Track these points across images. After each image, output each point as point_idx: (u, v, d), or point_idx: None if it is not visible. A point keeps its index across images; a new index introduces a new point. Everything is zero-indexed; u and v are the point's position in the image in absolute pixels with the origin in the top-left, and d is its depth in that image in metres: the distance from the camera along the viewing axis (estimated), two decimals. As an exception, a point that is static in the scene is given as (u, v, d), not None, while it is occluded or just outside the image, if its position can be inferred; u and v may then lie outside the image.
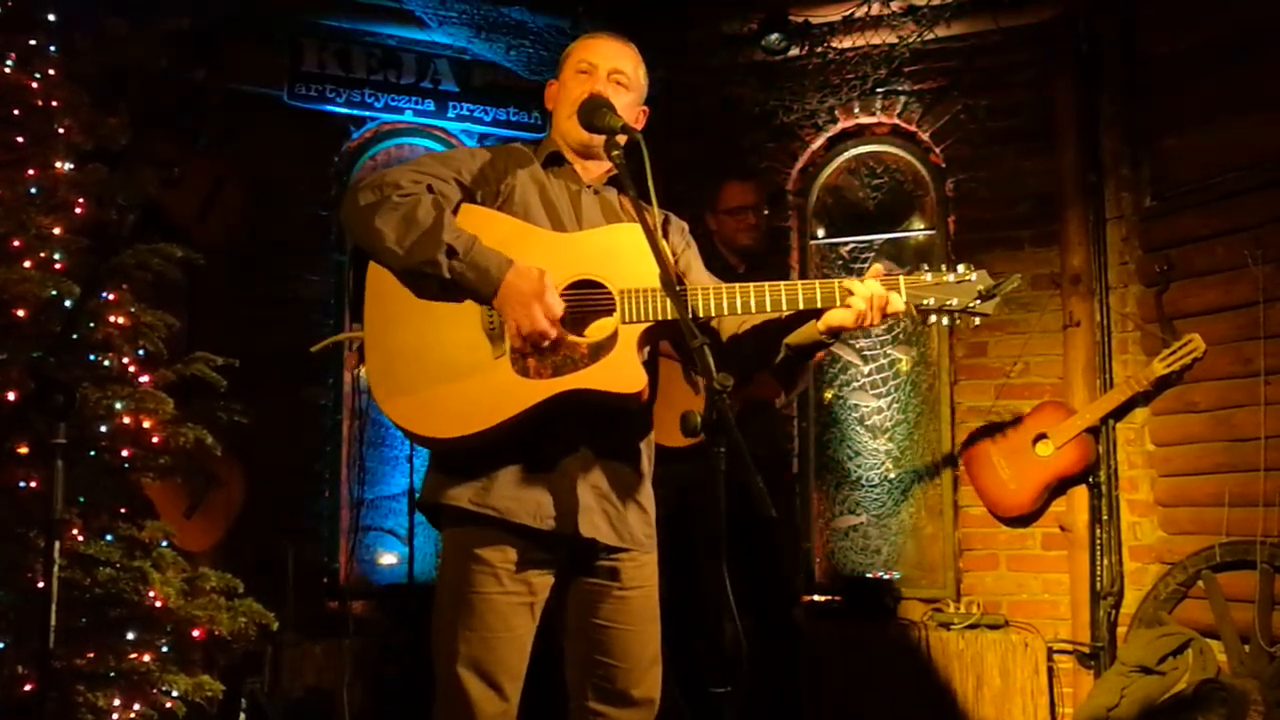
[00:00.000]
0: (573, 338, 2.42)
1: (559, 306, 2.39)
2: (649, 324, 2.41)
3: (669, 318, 2.38)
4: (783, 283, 2.44)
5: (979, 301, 2.44)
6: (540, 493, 2.45)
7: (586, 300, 2.46)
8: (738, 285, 2.44)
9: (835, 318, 2.43)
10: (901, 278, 2.46)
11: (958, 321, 2.48)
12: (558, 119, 2.67)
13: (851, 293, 2.39)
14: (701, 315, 2.43)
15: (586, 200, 2.65)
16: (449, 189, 2.53)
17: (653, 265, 2.30)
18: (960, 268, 2.48)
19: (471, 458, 2.45)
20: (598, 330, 2.44)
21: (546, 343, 2.38)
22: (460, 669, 2.41)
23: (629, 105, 2.64)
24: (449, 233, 2.39)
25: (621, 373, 2.40)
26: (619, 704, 2.52)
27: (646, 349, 2.47)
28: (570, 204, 2.63)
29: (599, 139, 2.54)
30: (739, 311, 2.45)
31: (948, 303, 2.44)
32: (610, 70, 2.64)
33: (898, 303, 2.42)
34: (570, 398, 2.40)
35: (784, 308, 2.44)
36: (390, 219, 2.41)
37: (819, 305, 2.43)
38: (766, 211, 4.58)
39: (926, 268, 2.49)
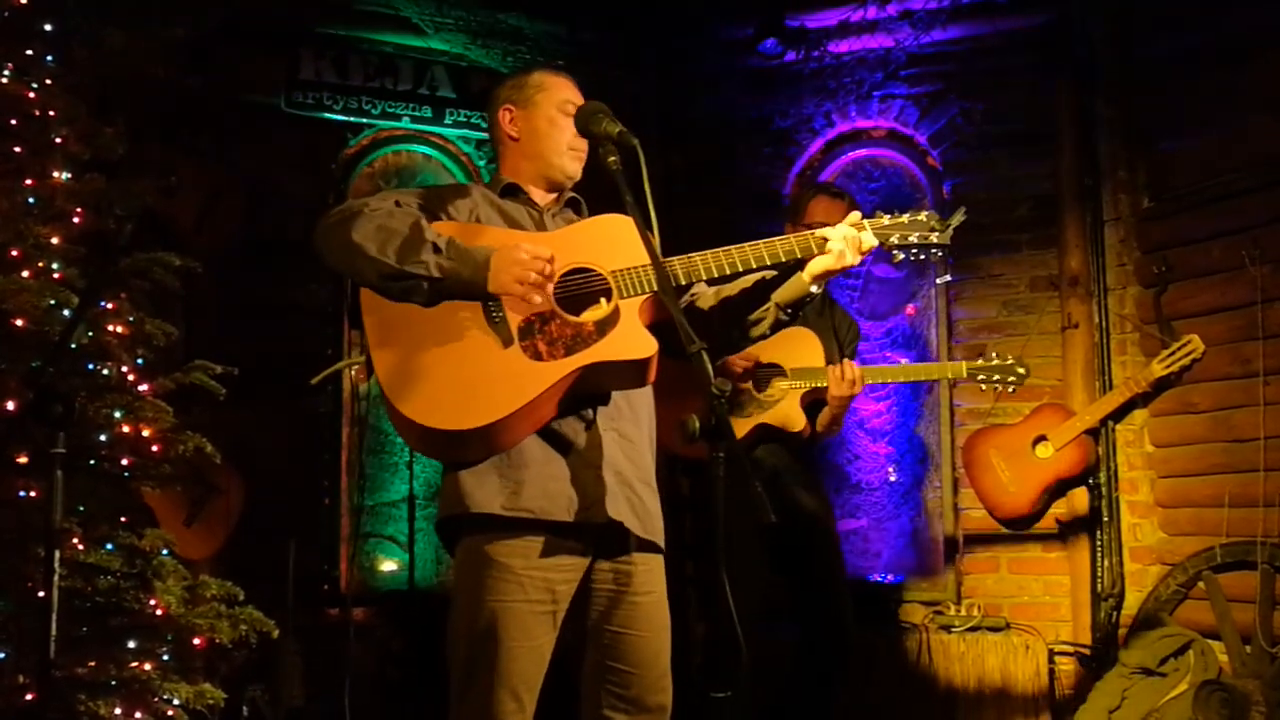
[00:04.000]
0: (576, 319, 2.48)
1: (548, 249, 2.47)
2: (647, 295, 2.49)
3: None
4: (762, 241, 2.56)
5: (935, 234, 2.65)
6: (567, 486, 2.47)
7: (581, 285, 2.53)
8: (720, 250, 2.55)
9: (819, 264, 2.57)
10: (867, 221, 2.62)
11: (922, 256, 2.67)
12: (545, 149, 2.71)
13: (827, 240, 2.55)
14: (684, 283, 2.52)
15: (548, 221, 2.71)
16: (415, 211, 2.56)
17: (638, 247, 2.38)
18: (910, 210, 2.67)
19: (492, 464, 2.46)
20: (598, 310, 2.50)
21: (551, 269, 2.44)
22: (481, 679, 2.40)
23: None
24: (429, 233, 2.44)
25: (631, 342, 2.46)
26: (635, 710, 2.52)
27: (647, 318, 2.53)
28: (533, 226, 2.69)
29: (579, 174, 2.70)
30: (726, 272, 2.54)
31: (909, 238, 2.63)
32: None
33: (870, 240, 2.59)
34: (586, 374, 2.44)
35: (766, 262, 2.55)
36: (366, 230, 2.44)
37: (798, 256, 2.57)
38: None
39: (881, 212, 2.67)
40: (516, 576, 2.43)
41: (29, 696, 3.02)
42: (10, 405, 3.16)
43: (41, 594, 2.66)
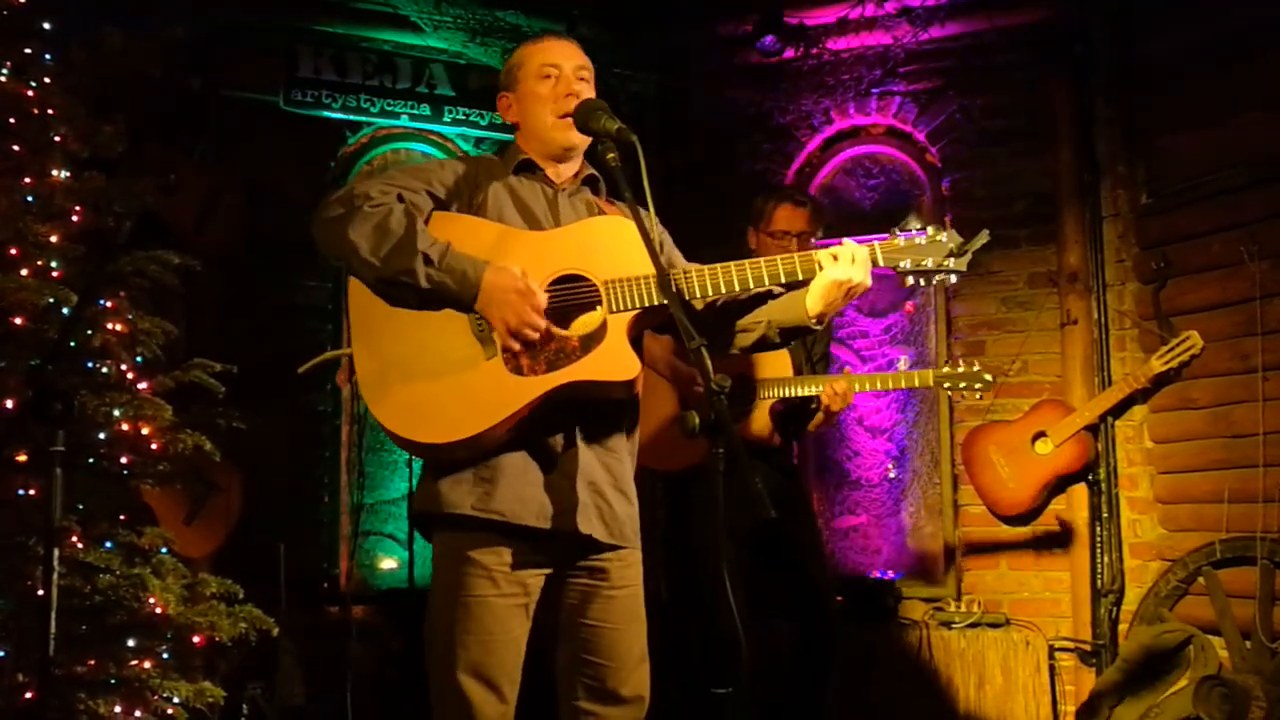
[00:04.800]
0: (562, 332, 2.44)
1: (542, 299, 2.42)
2: (636, 311, 2.44)
3: (655, 303, 2.41)
4: (762, 259, 2.49)
5: (951, 260, 2.51)
6: (540, 492, 2.47)
7: (571, 294, 2.48)
8: (719, 266, 2.48)
9: (818, 299, 2.51)
10: (876, 243, 2.52)
11: (936, 280, 2.54)
12: (535, 127, 2.65)
13: (828, 260, 2.47)
14: (686, 297, 2.45)
15: (563, 202, 2.66)
16: (420, 199, 2.54)
17: (634, 254, 2.34)
18: (929, 229, 2.54)
19: (468, 464, 2.46)
20: (586, 323, 2.46)
21: (535, 335, 2.40)
22: (460, 673, 2.42)
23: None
24: (423, 240, 2.40)
25: (615, 361, 2.42)
26: (609, 702, 2.54)
27: (635, 335, 2.49)
28: (547, 207, 2.64)
29: (582, 143, 2.59)
30: (723, 292, 2.49)
31: (922, 263, 2.51)
32: (575, 68, 2.66)
33: (865, 257, 2.49)
34: (566, 391, 2.41)
35: (765, 283, 2.50)
36: (363, 230, 2.42)
37: (800, 278, 2.50)
38: (815, 241, 4.33)
39: (898, 231, 2.54)
40: (489, 572, 2.44)
41: (28, 695, 3.02)
42: (9, 404, 3.16)
43: (41, 592, 2.66)
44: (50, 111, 3.49)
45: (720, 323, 2.68)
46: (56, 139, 3.49)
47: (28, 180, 3.41)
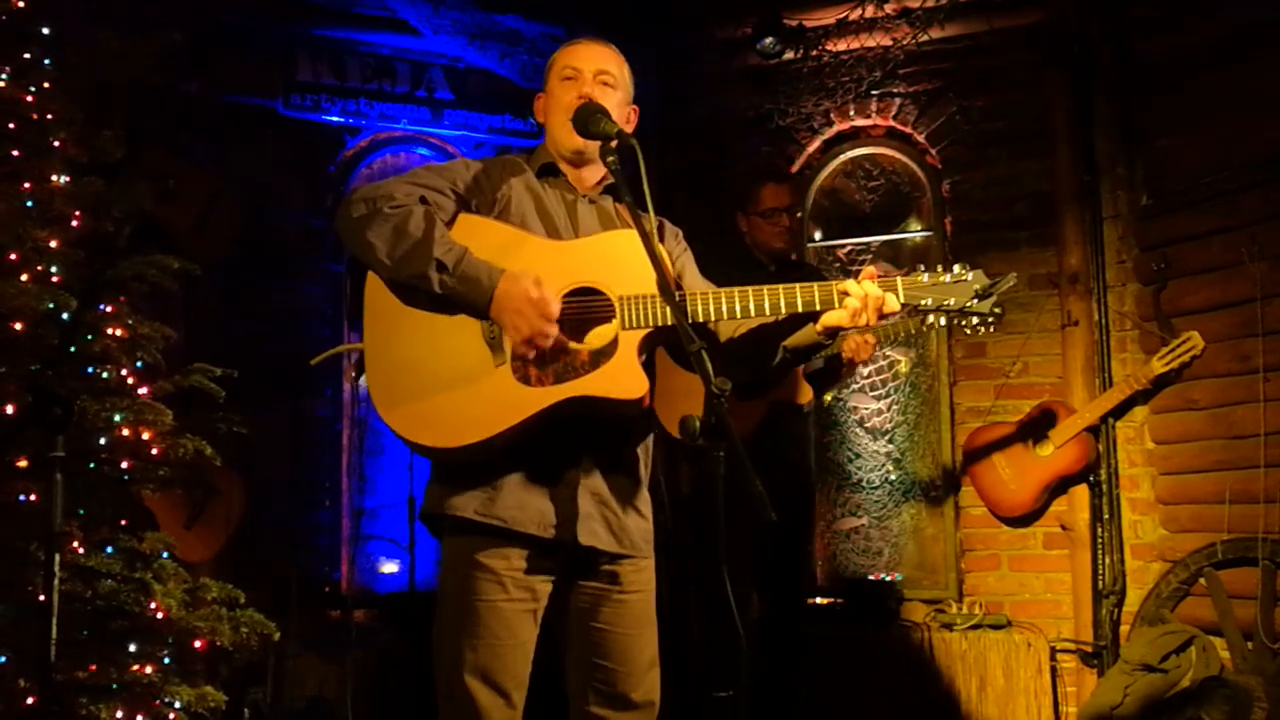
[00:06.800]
0: (573, 345, 2.41)
1: (555, 308, 2.38)
2: (649, 330, 2.41)
3: (668, 323, 2.37)
4: (780, 286, 2.41)
5: (976, 301, 2.43)
6: (543, 501, 2.45)
7: (586, 307, 2.45)
8: (735, 289, 2.42)
9: (831, 318, 2.41)
10: (899, 279, 2.44)
11: (956, 322, 2.48)
12: (550, 128, 2.66)
13: (848, 294, 2.37)
14: (700, 319, 2.42)
15: (583, 209, 2.64)
16: (444, 200, 2.52)
17: (650, 271, 2.28)
18: (956, 267, 2.46)
19: (474, 467, 2.45)
20: (597, 337, 2.43)
21: (548, 343, 2.37)
22: (468, 677, 2.41)
23: (619, 104, 2.65)
24: (439, 246, 2.38)
25: (623, 379, 2.39)
26: (619, 707, 2.53)
27: (646, 355, 2.47)
28: (567, 213, 2.62)
29: (594, 146, 2.54)
30: (737, 315, 2.43)
31: (945, 303, 2.43)
32: (595, 72, 2.63)
33: (893, 303, 2.39)
34: (572, 405, 2.40)
35: (782, 311, 2.42)
36: (381, 232, 2.41)
37: (817, 308, 2.41)
38: (800, 215, 4.72)
39: (923, 268, 2.46)
40: (498, 577, 2.43)
41: (30, 701, 3.01)
42: (9, 409, 3.15)
43: (42, 598, 2.66)
44: (49, 117, 3.48)
45: (749, 365, 2.62)
46: (55, 144, 3.48)
47: (27, 185, 3.40)
